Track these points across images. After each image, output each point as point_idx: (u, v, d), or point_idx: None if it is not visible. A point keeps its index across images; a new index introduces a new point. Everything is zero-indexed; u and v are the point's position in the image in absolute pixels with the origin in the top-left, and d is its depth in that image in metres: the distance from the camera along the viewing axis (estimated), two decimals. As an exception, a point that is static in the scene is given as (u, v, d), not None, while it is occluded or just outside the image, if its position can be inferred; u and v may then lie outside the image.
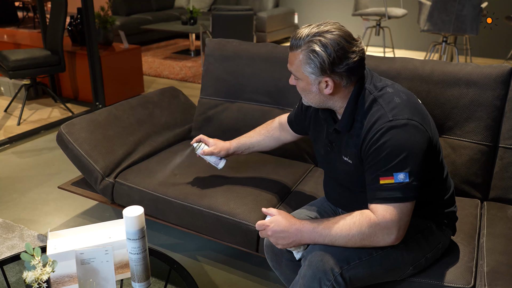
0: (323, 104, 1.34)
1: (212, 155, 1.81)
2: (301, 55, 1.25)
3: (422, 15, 4.46)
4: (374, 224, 1.22)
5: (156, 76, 5.27)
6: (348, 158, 1.34)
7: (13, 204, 2.58)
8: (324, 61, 1.22)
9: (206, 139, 1.84)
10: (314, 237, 1.28)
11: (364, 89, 1.30)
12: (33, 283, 1.17)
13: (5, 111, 3.98)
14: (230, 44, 2.34)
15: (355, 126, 1.31)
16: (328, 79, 1.26)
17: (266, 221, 1.35)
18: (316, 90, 1.30)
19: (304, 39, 1.24)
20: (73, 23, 4.24)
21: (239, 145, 1.81)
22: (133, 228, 1.29)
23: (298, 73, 1.30)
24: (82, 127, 2.13)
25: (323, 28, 1.24)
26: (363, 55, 1.27)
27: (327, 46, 1.21)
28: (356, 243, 1.25)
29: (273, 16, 6.60)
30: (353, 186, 1.40)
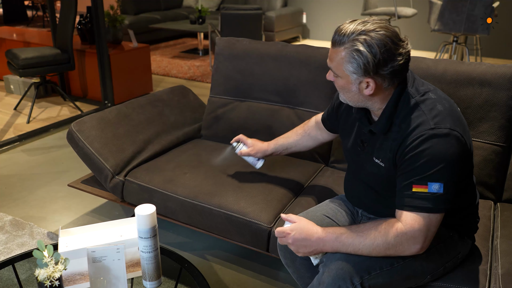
0: (360, 104, 1.30)
1: (250, 156, 1.82)
2: (343, 53, 1.20)
3: (432, 14, 4.43)
4: (401, 234, 1.19)
5: (165, 75, 5.27)
6: (380, 160, 1.31)
7: (23, 202, 2.59)
8: (369, 62, 1.17)
9: (244, 139, 1.83)
10: (336, 246, 1.26)
11: (405, 92, 1.25)
12: (45, 280, 1.17)
13: (14, 109, 4.00)
14: (240, 43, 2.33)
15: (393, 130, 1.26)
16: (370, 80, 1.21)
17: (287, 228, 1.31)
18: (356, 89, 1.25)
19: (349, 36, 1.18)
20: (82, 22, 4.25)
21: (277, 146, 1.79)
22: (145, 226, 1.28)
23: (338, 71, 1.25)
24: (92, 125, 2.13)
25: (369, 26, 1.18)
26: (409, 57, 1.21)
27: (373, 47, 1.16)
28: (380, 253, 1.22)
29: (281, 15, 6.59)
30: (381, 189, 1.36)
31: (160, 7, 7.53)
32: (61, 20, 3.85)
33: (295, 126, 2.15)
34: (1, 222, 2.37)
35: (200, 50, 6.36)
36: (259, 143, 1.81)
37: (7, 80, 4.40)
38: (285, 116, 2.19)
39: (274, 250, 1.74)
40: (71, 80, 4.40)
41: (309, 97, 2.14)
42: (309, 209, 1.56)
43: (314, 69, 2.11)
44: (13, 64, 3.71)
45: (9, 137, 3.41)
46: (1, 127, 3.62)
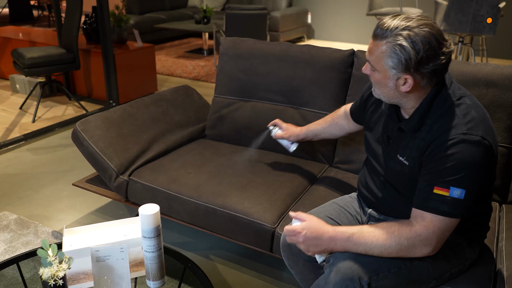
0: (394, 100, 1.28)
1: (284, 139, 1.89)
2: (384, 47, 1.18)
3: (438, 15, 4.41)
4: (415, 235, 1.19)
5: (169, 74, 5.28)
6: (405, 159, 1.29)
7: (28, 201, 2.60)
8: (411, 59, 1.15)
9: (280, 123, 1.92)
10: (347, 246, 1.25)
11: (442, 93, 1.23)
12: (50, 279, 1.18)
13: (20, 108, 4.02)
14: (245, 43, 2.33)
15: (423, 129, 1.24)
16: (409, 76, 1.18)
17: (297, 227, 1.29)
18: (393, 85, 1.23)
19: (392, 30, 1.16)
20: (88, 22, 4.27)
21: (308, 131, 1.85)
22: (148, 226, 1.28)
23: (377, 65, 1.22)
24: (97, 124, 2.13)
25: (414, 22, 1.16)
26: (450, 58, 1.19)
27: (417, 43, 1.14)
28: (392, 254, 1.22)
29: (286, 15, 6.58)
30: (400, 186, 1.35)
31: (165, 7, 7.54)
32: (66, 19, 3.86)
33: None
34: (6, 220, 2.38)
35: (205, 50, 6.36)
36: (293, 127, 1.89)
37: (13, 79, 4.42)
38: (289, 116, 2.19)
39: (278, 250, 1.73)
40: (76, 80, 4.42)
41: (314, 97, 2.13)
42: (312, 210, 1.55)
43: (319, 69, 2.11)
44: (19, 63, 3.73)
45: (14, 136, 3.42)
46: (7, 126, 3.64)
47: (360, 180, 1.56)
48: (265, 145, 2.26)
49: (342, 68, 2.08)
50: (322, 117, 2.10)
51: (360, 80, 2.03)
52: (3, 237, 2.24)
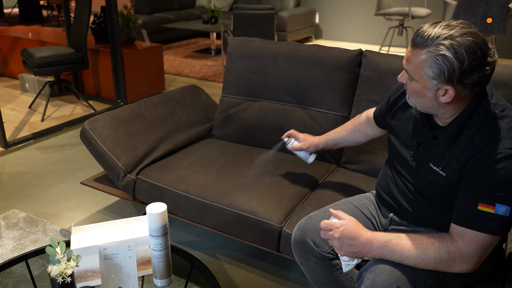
0: (431, 110, 1.23)
1: (302, 151, 1.81)
2: (425, 56, 1.12)
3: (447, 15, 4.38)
4: (456, 250, 1.15)
5: (177, 74, 5.30)
6: (441, 169, 1.24)
7: (37, 199, 2.62)
8: (454, 70, 1.09)
9: (296, 134, 1.83)
10: (383, 252, 1.21)
11: (483, 104, 1.18)
12: (58, 277, 1.18)
13: (29, 108, 4.05)
14: (253, 43, 2.33)
15: (461, 139, 1.19)
16: (450, 88, 1.13)
17: (336, 222, 1.26)
18: (432, 96, 1.17)
19: (434, 39, 1.10)
20: (96, 21, 4.29)
21: (328, 140, 1.78)
22: (156, 224, 1.29)
23: (415, 75, 1.17)
24: (105, 123, 2.14)
25: (456, 30, 1.10)
26: (494, 66, 1.13)
27: (461, 53, 1.08)
28: (429, 265, 1.18)
29: (294, 15, 6.57)
30: (433, 197, 1.30)
31: (173, 7, 7.56)
32: (75, 19, 3.89)
33: (308, 127, 2.14)
34: (15, 218, 2.40)
35: (213, 50, 6.38)
36: (311, 137, 1.81)
37: (22, 78, 4.45)
38: (297, 116, 2.18)
39: (285, 250, 1.73)
40: (84, 79, 4.44)
41: (322, 97, 2.13)
42: (326, 207, 1.52)
43: (327, 69, 2.10)
44: (28, 63, 3.76)
45: (24, 135, 3.45)
46: (16, 125, 3.67)
47: (380, 184, 1.50)
48: (271, 145, 2.26)
49: (350, 68, 2.07)
50: (330, 117, 2.11)
51: (368, 80, 2.02)
52: (12, 235, 2.26)
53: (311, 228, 1.44)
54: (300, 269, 2.02)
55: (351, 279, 1.43)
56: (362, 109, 2.04)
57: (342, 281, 1.43)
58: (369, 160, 1.99)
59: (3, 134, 3.21)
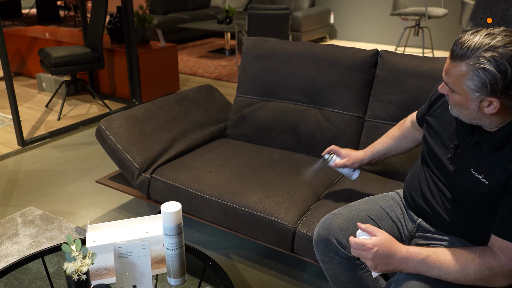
0: (476, 121, 1.18)
1: (345, 167, 1.71)
2: (465, 68, 1.09)
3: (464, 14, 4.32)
4: (499, 266, 1.11)
5: (191, 74, 5.32)
6: (483, 177, 1.18)
7: (52, 197, 2.65)
8: (497, 82, 1.05)
9: (337, 150, 1.72)
10: (420, 268, 1.17)
11: None
12: (73, 274, 1.19)
13: (46, 106, 4.10)
14: (267, 43, 2.32)
15: (508, 149, 1.14)
16: (494, 99, 1.09)
17: (368, 242, 1.20)
18: (476, 107, 1.13)
19: (474, 50, 1.07)
20: (112, 22, 4.33)
21: (374, 153, 1.68)
22: (170, 223, 1.29)
23: (456, 87, 1.14)
24: (120, 122, 2.16)
25: (497, 40, 1.06)
26: None
27: (503, 65, 1.04)
28: (468, 281, 1.14)
29: (308, 15, 6.55)
30: (471, 205, 1.24)
31: (188, 7, 7.60)
32: (92, 20, 3.93)
33: (322, 127, 2.12)
34: (32, 216, 2.44)
35: (227, 50, 6.39)
36: (354, 152, 1.70)
37: (40, 78, 4.52)
38: (311, 116, 2.17)
39: (299, 250, 1.72)
40: (100, 79, 4.49)
41: (337, 97, 2.11)
42: (352, 204, 1.48)
43: (342, 69, 2.09)
44: (45, 62, 3.81)
45: (40, 133, 3.50)
46: (33, 123, 3.72)
47: (410, 186, 1.45)
48: (285, 145, 2.25)
49: (365, 69, 2.06)
50: (345, 117, 2.09)
51: (383, 80, 2.00)
52: (28, 232, 2.29)
53: (336, 227, 1.39)
54: (314, 270, 2.01)
55: (376, 281, 1.40)
56: (377, 110, 2.02)
57: (366, 281, 1.39)
58: (385, 161, 1.97)
59: (21, 132, 3.26)
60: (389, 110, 1.98)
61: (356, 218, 1.39)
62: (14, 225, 2.35)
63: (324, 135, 2.13)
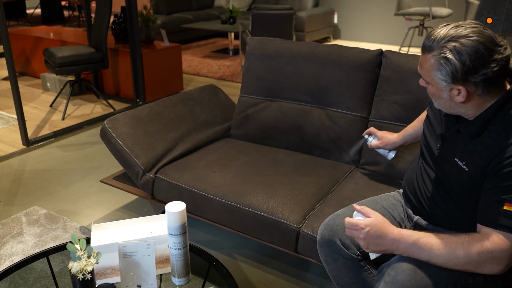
0: (453, 110, 1.24)
1: (380, 148, 1.85)
2: (432, 60, 1.16)
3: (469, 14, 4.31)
4: (486, 252, 1.13)
5: (195, 74, 5.32)
6: (465, 164, 1.22)
7: (57, 196, 2.66)
8: (457, 70, 1.12)
9: (375, 131, 1.86)
10: (411, 250, 1.20)
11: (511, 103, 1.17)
12: (78, 273, 1.20)
13: (50, 106, 4.12)
14: (272, 43, 2.32)
15: (486, 135, 1.18)
16: (461, 87, 1.15)
17: (361, 222, 1.23)
18: (447, 96, 1.20)
19: (439, 42, 1.14)
20: (116, 22, 4.34)
21: (406, 136, 1.76)
22: (175, 223, 1.29)
23: (428, 78, 1.21)
24: (125, 122, 2.16)
25: (461, 31, 1.12)
26: (506, 63, 1.13)
27: (462, 54, 1.10)
28: (458, 265, 1.16)
29: (312, 15, 6.55)
30: (456, 193, 1.28)
31: (192, 7, 7.61)
32: (96, 20, 3.94)
33: (326, 127, 2.13)
34: (36, 215, 2.44)
35: (231, 50, 6.39)
36: (389, 135, 1.82)
37: (44, 78, 4.53)
38: (316, 116, 2.17)
39: (303, 250, 1.72)
40: (104, 79, 4.50)
41: (341, 97, 2.11)
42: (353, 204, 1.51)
43: (346, 69, 2.09)
44: (50, 62, 3.82)
45: (45, 133, 3.51)
46: (38, 123, 3.73)
47: (408, 180, 1.48)
48: (289, 145, 2.25)
49: (370, 69, 2.05)
50: (349, 117, 2.09)
51: (388, 80, 2.00)
52: (33, 231, 2.30)
53: (339, 228, 1.41)
54: (317, 271, 2.01)
55: None
56: (382, 110, 2.02)
57: (369, 282, 1.41)
58: (389, 162, 1.97)
59: (25, 132, 3.27)
60: (393, 110, 1.98)
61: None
62: (18, 224, 2.36)
63: (329, 135, 2.13)
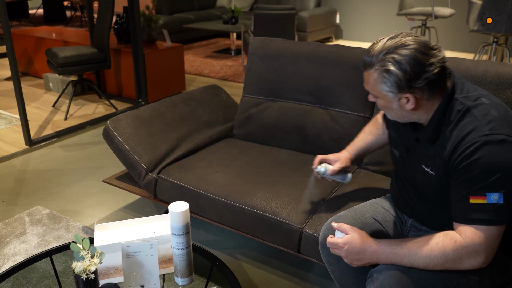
0: (407, 119, 1.27)
1: (339, 173, 1.66)
2: (375, 74, 1.20)
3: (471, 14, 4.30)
4: (461, 247, 1.14)
5: (197, 74, 5.33)
6: (430, 169, 1.26)
7: (59, 196, 2.66)
8: (400, 79, 1.16)
9: (324, 157, 1.69)
10: (391, 259, 1.22)
11: (454, 100, 1.20)
12: (82, 273, 1.20)
13: (53, 106, 4.13)
14: (274, 43, 2.32)
15: (441, 137, 1.22)
16: (408, 95, 1.19)
17: (339, 241, 1.27)
18: (397, 106, 1.23)
19: (378, 56, 1.18)
20: (119, 22, 4.34)
21: (357, 151, 1.70)
22: (178, 223, 1.30)
23: (375, 92, 1.24)
24: (127, 122, 2.17)
25: (396, 41, 1.17)
26: (443, 64, 1.17)
27: (402, 63, 1.15)
28: (438, 266, 1.17)
29: (314, 15, 6.54)
30: (433, 198, 1.30)
31: (194, 7, 7.61)
32: (98, 20, 3.94)
33: (328, 127, 2.12)
34: (39, 215, 2.45)
35: (233, 50, 6.39)
36: (341, 154, 1.67)
37: (46, 78, 4.54)
38: (317, 116, 2.17)
39: (305, 251, 1.72)
40: (106, 79, 4.50)
41: (342, 97, 2.11)
42: (357, 207, 1.51)
43: (348, 69, 2.09)
44: (52, 62, 3.83)
45: (47, 133, 3.52)
46: (40, 123, 3.74)
47: (392, 194, 1.51)
48: (291, 145, 2.25)
49: (372, 68, 2.05)
50: (351, 117, 2.09)
51: (391, 80, 2.00)
52: (36, 231, 2.30)
53: None
54: (320, 271, 2.01)
55: None
56: (384, 110, 2.02)
57: None
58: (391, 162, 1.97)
59: (28, 132, 3.28)
60: (396, 110, 1.98)
61: (360, 220, 1.42)
62: (21, 224, 2.37)
63: (331, 135, 2.13)
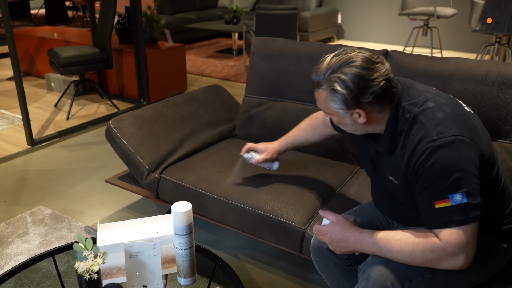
0: (362, 131, 1.30)
1: (266, 162, 1.81)
2: (324, 93, 1.22)
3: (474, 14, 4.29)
4: (439, 250, 1.14)
5: (199, 74, 5.33)
6: (395, 179, 1.27)
7: (61, 196, 2.66)
8: (346, 98, 1.18)
9: (254, 146, 1.82)
10: (374, 251, 1.22)
11: (402, 108, 1.22)
12: (85, 273, 1.20)
13: (55, 106, 4.13)
14: (276, 43, 2.32)
15: (398, 147, 1.23)
16: (358, 110, 1.20)
17: (324, 228, 1.30)
18: (351, 121, 1.25)
19: (324, 75, 1.20)
20: (120, 22, 4.35)
21: (287, 144, 1.81)
22: (181, 223, 1.29)
23: (327, 110, 1.26)
24: (129, 122, 2.17)
25: (340, 58, 1.18)
26: (388, 76, 1.18)
27: (346, 82, 1.16)
28: (418, 264, 1.17)
29: (316, 15, 6.54)
30: (408, 203, 1.31)
31: (196, 7, 7.62)
32: (100, 20, 3.95)
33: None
34: (41, 215, 2.45)
35: (234, 50, 6.39)
36: (270, 144, 1.81)
37: (48, 78, 4.54)
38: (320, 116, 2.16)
39: (308, 251, 1.72)
40: (108, 79, 4.51)
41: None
42: (355, 208, 1.53)
43: (351, 69, 2.08)
44: (54, 62, 3.83)
45: (49, 133, 3.52)
46: (42, 123, 3.74)
47: (375, 200, 1.52)
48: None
49: (375, 68, 2.04)
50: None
51: (393, 80, 1.99)
52: (38, 231, 2.31)
53: None
54: (322, 271, 2.01)
55: None
56: (387, 110, 2.01)
57: None
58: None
59: (30, 132, 3.28)
60: (398, 110, 1.98)
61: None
62: (24, 224, 2.37)
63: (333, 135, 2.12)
